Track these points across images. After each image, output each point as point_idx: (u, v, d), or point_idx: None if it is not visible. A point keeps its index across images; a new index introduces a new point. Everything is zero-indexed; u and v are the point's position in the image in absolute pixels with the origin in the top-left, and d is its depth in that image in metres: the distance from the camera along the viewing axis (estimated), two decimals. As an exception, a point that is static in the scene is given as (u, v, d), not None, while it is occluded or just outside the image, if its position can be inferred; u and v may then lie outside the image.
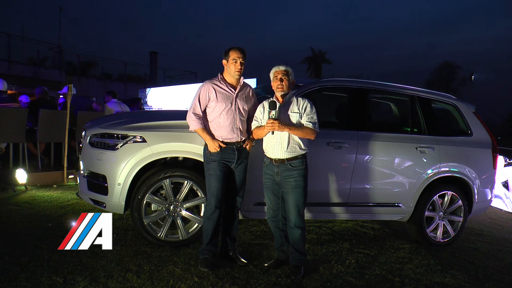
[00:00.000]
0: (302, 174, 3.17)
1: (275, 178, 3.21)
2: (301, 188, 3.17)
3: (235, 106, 3.23)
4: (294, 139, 3.15)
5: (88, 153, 3.64)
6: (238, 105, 3.24)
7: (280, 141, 3.14)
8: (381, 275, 3.46)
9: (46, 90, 7.31)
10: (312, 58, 43.83)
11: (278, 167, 3.18)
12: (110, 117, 4.31)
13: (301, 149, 3.17)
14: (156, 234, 3.52)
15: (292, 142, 3.14)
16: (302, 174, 3.17)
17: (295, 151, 3.15)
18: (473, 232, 5.30)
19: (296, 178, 3.16)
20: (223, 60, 3.26)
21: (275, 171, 3.20)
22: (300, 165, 3.17)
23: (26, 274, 2.82)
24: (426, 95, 4.55)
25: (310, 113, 3.16)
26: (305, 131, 3.12)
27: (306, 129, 3.13)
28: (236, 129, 3.22)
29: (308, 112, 3.16)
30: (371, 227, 4.93)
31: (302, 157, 3.19)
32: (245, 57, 3.23)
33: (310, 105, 3.19)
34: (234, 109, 3.22)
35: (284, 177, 3.17)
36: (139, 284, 2.84)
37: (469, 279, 3.60)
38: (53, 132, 6.38)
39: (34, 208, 4.55)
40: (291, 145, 3.14)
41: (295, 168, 3.16)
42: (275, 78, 3.20)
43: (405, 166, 4.21)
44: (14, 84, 13.29)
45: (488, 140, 4.64)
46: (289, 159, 3.15)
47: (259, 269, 3.26)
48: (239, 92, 3.27)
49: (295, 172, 3.15)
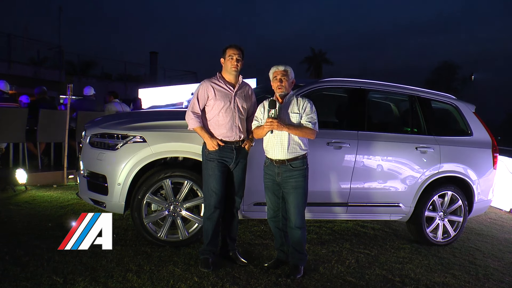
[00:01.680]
0: (303, 174, 3.17)
1: (276, 178, 3.20)
2: (301, 188, 3.17)
3: (234, 104, 3.22)
4: (295, 140, 3.14)
5: (88, 153, 3.64)
6: (237, 103, 3.23)
7: (281, 142, 3.13)
8: (381, 275, 3.46)
9: (45, 90, 7.30)
10: (312, 58, 43.79)
11: (279, 167, 3.17)
12: (110, 117, 4.30)
13: (301, 150, 3.16)
14: (156, 234, 3.51)
15: (292, 142, 3.13)
16: (303, 175, 3.16)
17: (295, 152, 3.15)
18: (473, 232, 5.30)
19: (296, 179, 3.15)
20: (221, 58, 3.25)
21: (275, 172, 3.20)
22: (300, 166, 3.16)
23: (26, 274, 2.82)
24: (426, 95, 4.55)
25: (310, 113, 3.15)
26: (305, 131, 3.11)
27: (306, 129, 3.12)
28: (235, 127, 3.21)
29: (307, 112, 3.15)
30: (371, 227, 4.93)
31: (303, 157, 3.19)
32: (241, 54, 3.21)
33: (310, 105, 3.18)
34: (233, 107, 3.21)
35: (284, 178, 3.17)
36: (139, 284, 2.84)
37: (470, 279, 3.60)
38: (53, 132, 6.37)
39: (34, 208, 4.55)
40: (292, 145, 3.13)
41: (296, 168, 3.15)
42: (275, 78, 3.19)
43: (405, 166, 4.21)
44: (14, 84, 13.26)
45: (488, 140, 4.65)
46: (289, 160, 3.14)
47: (259, 269, 3.26)
48: (238, 91, 3.26)
49: (295, 172, 3.15)
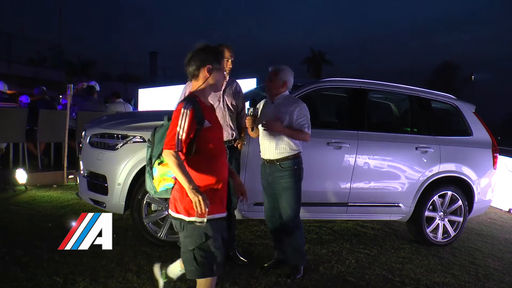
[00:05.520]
0: (293, 175, 3.11)
1: (268, 178, 3.20)
2: (292, 189, 3.12)
3: (223, 103, 3.21)
4: (284, 140, 3.09)
5: (88, 153, 3.64)
6: (226, 101, 3.22)
7: (270, 142, 3.12)
8: (381, 275, 3.46)
9: (45, 90, 7.30)
10: (312, 59, 43.74)
11: (270, 167, 3.16)
12: (110, 117, 4.31)
13: (291, 150, 3.11)
14: (156, 234, 3.51)
15: (281, 142, 3.10)
16: (292, 175, 3.11)
17: (284, 152, 3.11)
18: (473, 232, 5.30)
19: (286, 179, 3.11)
20: None
21: (267, 172, 3.19)
22: (291, 166, 3.11)
23: (26, 274, 2.82)
24: (426, 95, 4.55)
25: (299, 115, 3.09)
26: (294, 132, 3.08)
27: (297, 131, 3.08)
28: (226, 126, 3.20)
29: (297, 113, 3.09)
30: (371, 227, 4.93)
31: (294, 157, 3.13)
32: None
33: (301, 107, 3.11)
34: (222, 106, 3.20)
35: (275, 178, 3.14)
36: (139, 284, 2.84)
37: (470, 279, 3.60)
38: (53, 132, 6.37)
39: (34, 208, 4.54)
40: (280, 145, 3.10)
41: (285, 169, 3.11)
42: (266, 77, 3.21)
43: (405, 166, 4.20)
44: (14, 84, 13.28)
45: (488, 140, 4.65)
46: (279, 160, 3.11)
47: (259, 269, 3.26)
48: (226, 88, 3.24)
49: (285, 173, 3.11)
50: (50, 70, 19.01)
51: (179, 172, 1.99)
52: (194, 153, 2.09)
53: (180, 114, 2.02)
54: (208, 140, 2.12)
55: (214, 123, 2.18)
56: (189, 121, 2.01)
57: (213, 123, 2.15)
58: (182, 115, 2.02)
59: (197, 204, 1.95)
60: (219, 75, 2.20)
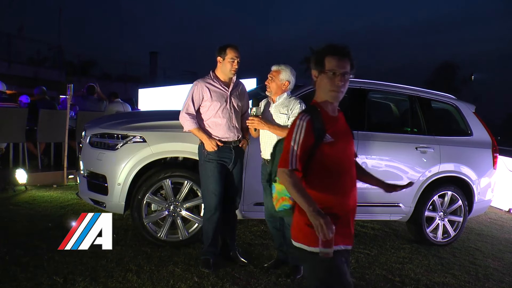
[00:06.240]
0: None
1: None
2: None
3: (229, 104, 3.21)
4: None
5: (88, 153, 3.64)
6: (232, 103, 3.23)
7: (270, 141, 3.12)
8: (381, 275, 3.46)
9: (45, 90, 7.29)
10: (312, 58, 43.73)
11: None
12: (110, 117, 4.31)
13: None
14: (156, 234, 3.52)
15: None
16: None
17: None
18: (473, 232, 5.30)
19: None
20: (218, 57, 3.19)
21: (267, 171, 3.19)
22: None
23: (26, 274, 2.82)
24: (426, 95, 4.55)
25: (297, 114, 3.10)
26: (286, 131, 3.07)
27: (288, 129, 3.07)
28: (232, 127, 3.21)
29: (295, 113, 3.08)
30: (371, 227, 4.93)
31: None
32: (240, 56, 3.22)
33: (301, 107, 3.11)
34: (229, 108, 3.21)
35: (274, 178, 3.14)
36: (139, 284, 2.84)
37: (470, 279, 3.60)
38: (53, 132, 6.37)
39: (34, 208, 4.54)
40: None
41: None
42: (268, 77, 3.21)
43: (405, 166, 4.20)
44: (14, 84, 13.28)
45: (488, 140, 4.64)
46: None
47: (259, 269, 3.26)
48: (233, 90, 3.25)
49: None
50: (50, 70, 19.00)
51: (295, 192, 1.71)
52: (314, 171, 1.80)
53: (295, 127, 1.78)
54: (330, 156, 1.81)
55: (340, 137, 1.87)
56: (305, 135, 1.76)
57: (337, 136, 1.84)
58: (297, 127, 1.77)
59: (319, 228, 1.60)
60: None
